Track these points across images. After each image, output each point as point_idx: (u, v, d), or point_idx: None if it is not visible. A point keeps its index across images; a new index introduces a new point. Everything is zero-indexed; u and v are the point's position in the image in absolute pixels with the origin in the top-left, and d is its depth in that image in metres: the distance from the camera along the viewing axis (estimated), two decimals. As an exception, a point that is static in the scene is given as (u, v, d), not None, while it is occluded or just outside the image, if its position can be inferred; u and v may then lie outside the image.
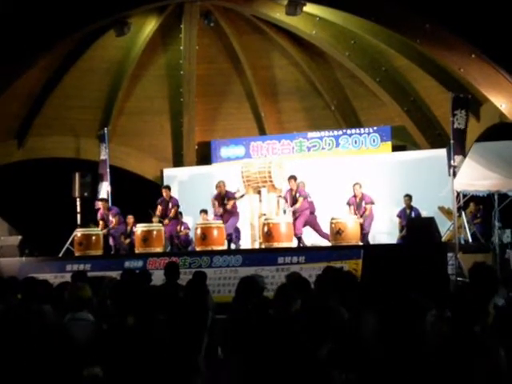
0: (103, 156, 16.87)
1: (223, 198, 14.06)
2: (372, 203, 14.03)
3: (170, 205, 14.74)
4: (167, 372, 4.23)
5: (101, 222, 15.04)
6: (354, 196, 14.07)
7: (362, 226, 13.49)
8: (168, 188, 15.10)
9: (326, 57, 17.76)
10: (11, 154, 17.69)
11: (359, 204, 13.98)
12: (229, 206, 13.90)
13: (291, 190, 13.97)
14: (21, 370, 3.93)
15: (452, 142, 13.04)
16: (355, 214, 13.78)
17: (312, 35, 16.75)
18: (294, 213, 13.78)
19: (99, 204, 15.37)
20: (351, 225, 13.06)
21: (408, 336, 4.24)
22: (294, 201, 13.86)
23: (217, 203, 14.06)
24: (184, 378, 4.37)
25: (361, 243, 13.17)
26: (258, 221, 13.74)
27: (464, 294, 3.80)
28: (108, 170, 16.73)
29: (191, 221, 16.06)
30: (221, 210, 13.95)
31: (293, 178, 13.99)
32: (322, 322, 4.14)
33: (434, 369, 3.57)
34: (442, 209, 14.95)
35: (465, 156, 12.92)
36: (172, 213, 14.68)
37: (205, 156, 18.87)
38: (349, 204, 14.06)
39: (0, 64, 14.51)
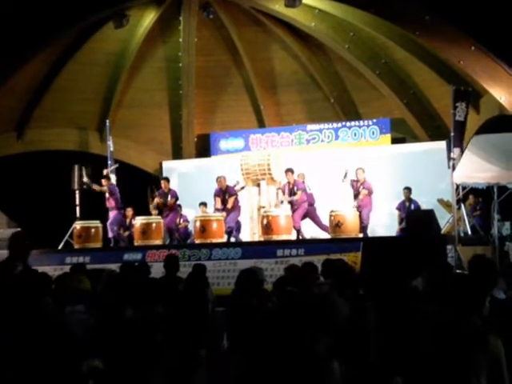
0: (111, 148, 17.06)
1: (224, 194, 14.02)
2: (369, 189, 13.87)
3: (169, 197, 14.69)
4: (168, 365, 4.24)
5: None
6: (357, 181, 13.96)
7: (359, 214, 13.36)
8: (167, 180, 15.04)
9: (325, 49, 17.73)
10: (10, 145, 17.70)
11: (358, 188, 13.84)
12: (230, 204, 13.85)
13: (289, 183, 13.90)
14: (21, 363, 3.93)
15: (452, 134, 13.01)
16: (354, 198, 13.71)
17: (311, 27, 16.71)
18: (292, 205, 13.75)
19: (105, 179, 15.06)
20: (350, 217, 13.02)
21: (405, 327, 4.24)
22: (292, 194, 13.81)
23: (219, 200, 13.97)
24: (185, 370, 4.38)
25: (360, 236, 13.16)
26: (257, 213, 13.73)
27: (463, 286, 3.80)
28: (110, 161, 16.83)
29: (190, 213, 16.04)
30: (222, 207, 13.90)
31: (290, 170, 13.89)
32: (320, 314, 4.14)
33: (433, 359, 3.57)
34: (441, 201, 14.94)
35: (464, 148, 12.88)
36: (170, 203, 14.57)
37: (204, 148, 18.86)
38: (352, 186, 13.94)
39: (-2, 57, 14.49)
